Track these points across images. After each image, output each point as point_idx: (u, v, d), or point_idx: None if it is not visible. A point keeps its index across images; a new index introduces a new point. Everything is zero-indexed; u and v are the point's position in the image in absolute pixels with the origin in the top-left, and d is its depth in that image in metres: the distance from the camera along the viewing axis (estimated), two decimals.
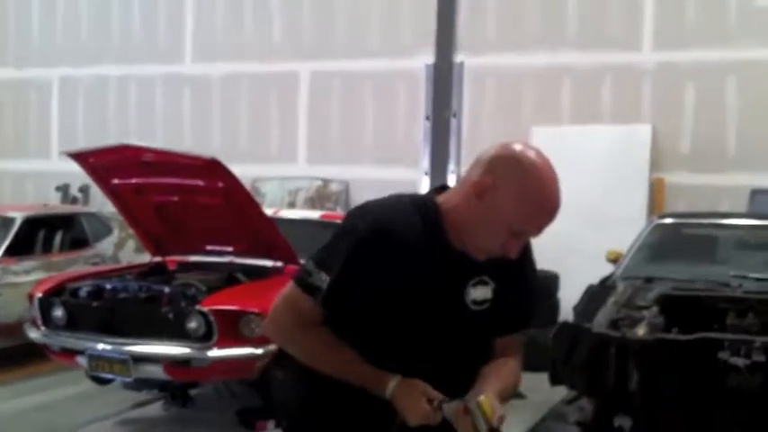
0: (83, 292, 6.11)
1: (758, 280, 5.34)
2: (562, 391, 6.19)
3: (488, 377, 2.10)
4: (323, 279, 2.05)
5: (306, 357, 2.14)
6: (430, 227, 2.05)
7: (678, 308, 5.04)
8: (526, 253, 2.19)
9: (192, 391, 6.57)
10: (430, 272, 2.05)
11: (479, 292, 2.12)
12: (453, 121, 10.17)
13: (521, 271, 2.19)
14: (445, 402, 2.02)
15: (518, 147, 1.99)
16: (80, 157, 6.20)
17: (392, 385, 2.04)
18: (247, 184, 6.95)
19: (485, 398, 1.98)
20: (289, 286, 2.14)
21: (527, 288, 2.22)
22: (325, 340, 2.11)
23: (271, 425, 5.83)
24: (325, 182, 10.83)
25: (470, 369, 2.13)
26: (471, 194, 1.98)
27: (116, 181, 6.33)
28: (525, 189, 1.93)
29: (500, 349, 2.22)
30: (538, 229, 1.99)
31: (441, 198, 2.10)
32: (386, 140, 10.65)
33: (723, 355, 4.36)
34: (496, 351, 2.21)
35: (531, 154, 1.96)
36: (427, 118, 10.34)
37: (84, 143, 9.32)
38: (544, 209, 1.96)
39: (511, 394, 2.16)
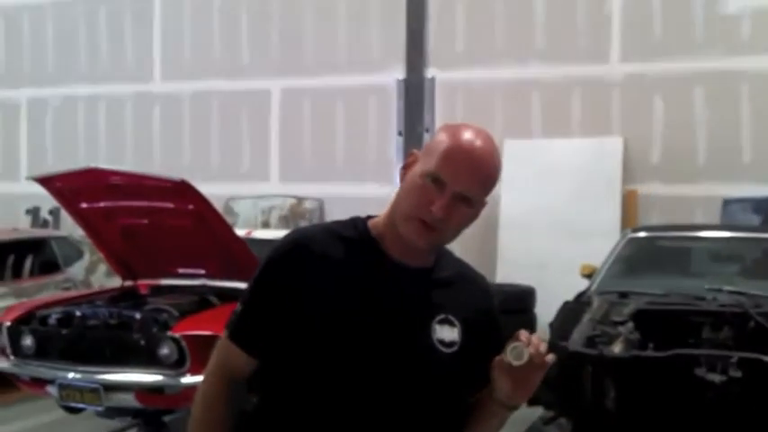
0: (52, 320, 5.99)
1: (732, 293, 5.34)
2: (539, 410, 6.15)
3: None
4: (237, 312, 1.79)
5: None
6: (360, 236, 1.79)
7: (654, 322, 5.03)
8: (492, 301, 1.90)
9: (166, 417, 6.47)
10: (372, 290, 1.73)
11: (446, 332, 1.76)
12: (426, 137, 10.15)
13: (490, 319, 1.86)
14: None
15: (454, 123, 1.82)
16: (46, 181, 6.10)
17: None
18: (220, 204, 6.89)
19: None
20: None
21: (501, 339, 1.77)
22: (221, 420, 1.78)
23: None
24: (299, 200, 10.76)
25: None
26: (400, 181, 1.79)
27: (84, 205, 6.23)
28: (438, 140, 1.75)
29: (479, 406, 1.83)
30: (455, 175, 1.69)
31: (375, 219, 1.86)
32: (359, 157, 10.60)
33: (699, 371, 4.35)
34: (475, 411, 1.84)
35: (460, 123, 1.79)
36: (399, 133, 10.31)
37: (54, 164, 9.20)
38: (456, 150, 1.70)
39: None
